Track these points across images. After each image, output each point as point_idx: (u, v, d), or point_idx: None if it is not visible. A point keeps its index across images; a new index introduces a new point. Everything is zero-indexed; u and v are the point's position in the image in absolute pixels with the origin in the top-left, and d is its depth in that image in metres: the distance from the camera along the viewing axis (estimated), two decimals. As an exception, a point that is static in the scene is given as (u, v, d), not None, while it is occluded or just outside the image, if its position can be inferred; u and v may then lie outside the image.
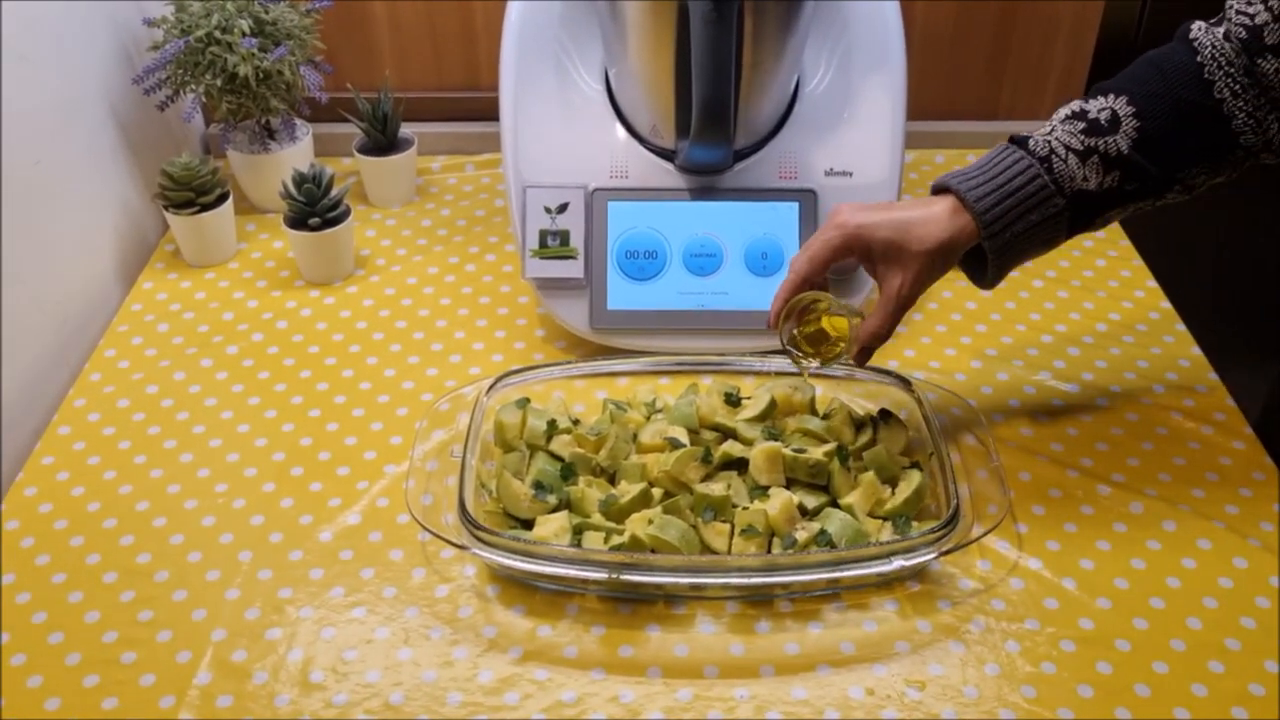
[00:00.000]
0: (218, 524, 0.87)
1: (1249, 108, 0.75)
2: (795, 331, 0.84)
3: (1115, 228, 1.20)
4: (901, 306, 0.81)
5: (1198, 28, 0.77)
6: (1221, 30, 0.76)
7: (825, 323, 0.84)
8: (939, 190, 0.82)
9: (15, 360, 0.96)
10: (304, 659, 0.77)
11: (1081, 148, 0.78)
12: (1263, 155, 0.78)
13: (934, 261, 0.80)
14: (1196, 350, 1.03)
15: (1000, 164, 0.79)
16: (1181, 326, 1.06)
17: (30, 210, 0.99)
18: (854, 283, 1.01)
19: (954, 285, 1.12)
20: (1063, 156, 0.78)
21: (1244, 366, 1.07)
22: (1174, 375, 1.00)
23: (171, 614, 0.80)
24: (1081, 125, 0.78)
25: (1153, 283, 1.12)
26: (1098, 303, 1.10)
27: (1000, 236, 0.79)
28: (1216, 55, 0.75)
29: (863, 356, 0.84)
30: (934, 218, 0.79)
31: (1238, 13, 0.76)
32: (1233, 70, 0.75)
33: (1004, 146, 0.81)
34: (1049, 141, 0.79)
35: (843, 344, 0.83)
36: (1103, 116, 0.78)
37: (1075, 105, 0.80)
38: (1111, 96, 0.78)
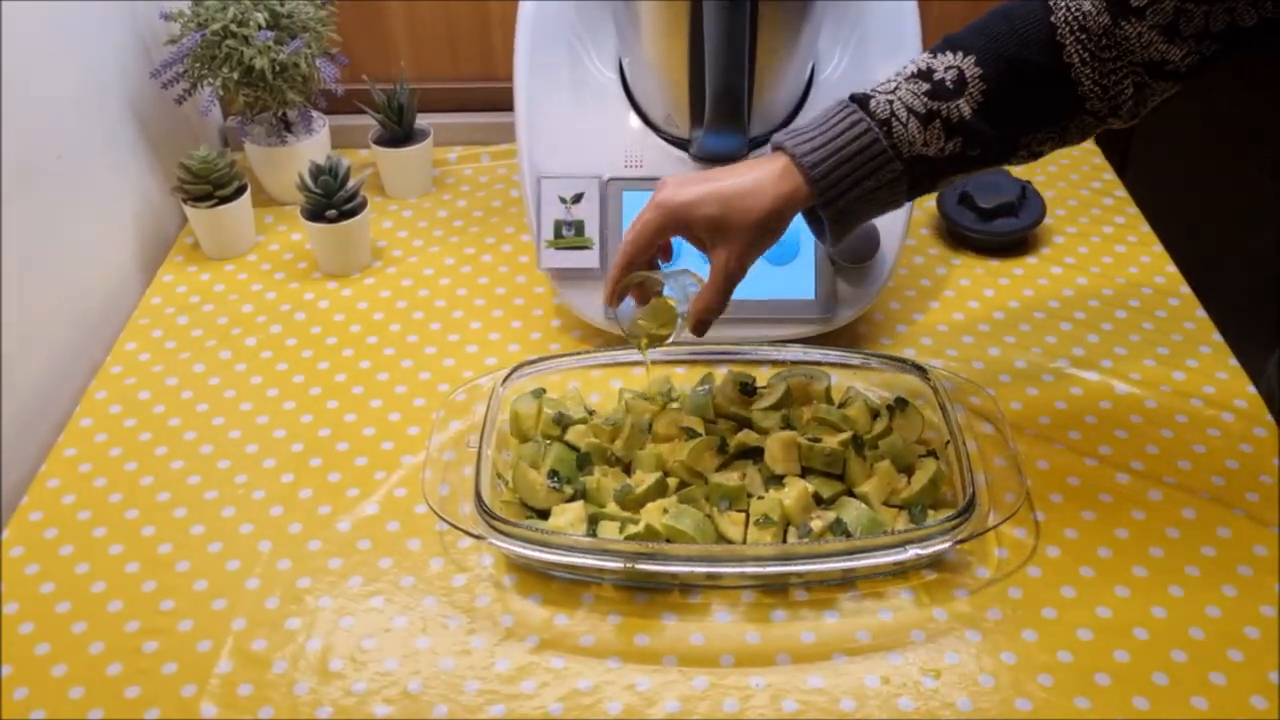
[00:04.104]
0: (238, 514, 0.88)
1: (1095, 74, 0.72)
2: (637, 317, 0.86)
3: (1135, 213, 1.19)
4: (730, 280, 0.79)
5: None
6: None
7: (662, 298, 0.85)
8: (776, 148, 0.78)
9: (37, 353, 0.97)
10: (323, 648, 0.78)
11: (924, 111, 0.74)
12: (1111, 120, 0.75)
13: (761, 233, 0.77)
14: (1217, 336, 1.02)
15: (838, 125, 0.75)
16: (1202, 312, 1.06)
17: (51, 204, 1.00)
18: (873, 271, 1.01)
19: (971, 272, 1.11)
20: (903, 120, 0.74)
21: (1265, 353, 1.06)
22: (1194, 362, 1.00)
23: (193, 603, 0.81)
24: (926, 86, 0.74)
25: (1172, 268, 1.11)
26: (1117, 289, 1.09)
27: (836, 203, 0.76)
28: (1070, 18, 0.72)
29: (699, 329, 0.82)
30: (760, 187, 0.76)
31: None
32: (1084, 36, 0.72)
33: (844, 105, 0.76)
34: (890, 103, 0.75)
35: (677, 318, 0.83)
36: (949, 77, 0.74)
37: (922, 62, 0.76)
38: (960, 54, 0.74)
